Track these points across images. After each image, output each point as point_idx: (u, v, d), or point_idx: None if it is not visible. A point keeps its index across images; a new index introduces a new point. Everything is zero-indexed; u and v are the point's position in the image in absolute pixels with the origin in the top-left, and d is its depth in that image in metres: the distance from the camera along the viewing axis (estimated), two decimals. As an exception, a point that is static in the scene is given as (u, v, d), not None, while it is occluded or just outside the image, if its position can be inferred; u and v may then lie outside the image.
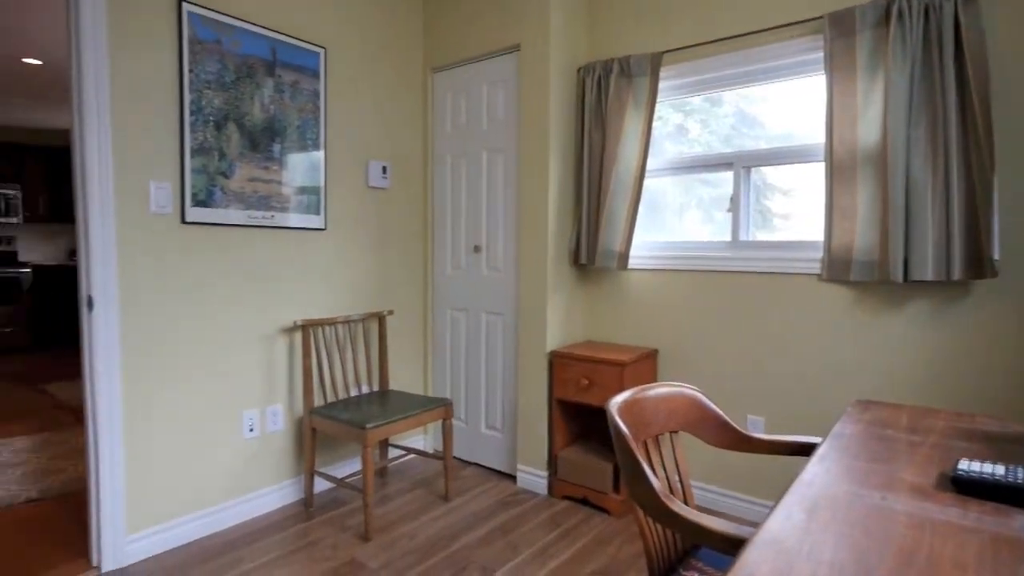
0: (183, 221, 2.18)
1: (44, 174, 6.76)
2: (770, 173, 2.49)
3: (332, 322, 2.60)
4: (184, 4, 2.13)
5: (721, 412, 1.46)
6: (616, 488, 2.48)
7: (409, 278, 3.13)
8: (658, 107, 2.74)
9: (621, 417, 1.23)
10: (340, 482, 2.38)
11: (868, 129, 2.06)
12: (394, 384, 3.07)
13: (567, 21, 2.69)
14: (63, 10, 3.40)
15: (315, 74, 2.59)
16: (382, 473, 2.90)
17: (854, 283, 2.18)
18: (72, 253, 7.19)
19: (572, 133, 2.78)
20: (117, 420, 2.03)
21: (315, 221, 2.63)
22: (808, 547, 0.74)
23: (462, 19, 2.94)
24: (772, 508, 0.85)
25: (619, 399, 1.27)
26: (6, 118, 6.19)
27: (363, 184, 2.86)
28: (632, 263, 2.74)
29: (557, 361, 2.61)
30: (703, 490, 2.56)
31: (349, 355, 2.81)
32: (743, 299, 2.44)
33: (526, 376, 2.74)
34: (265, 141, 2.42)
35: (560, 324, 2.75)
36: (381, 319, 2.84)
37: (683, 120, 2.73)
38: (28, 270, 6.39)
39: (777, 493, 2.37)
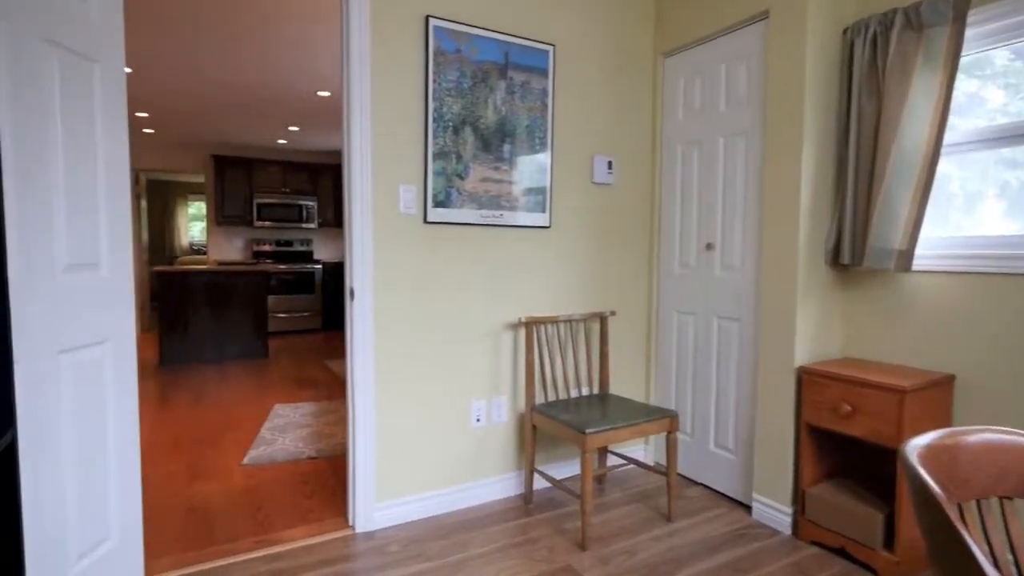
0: (425, 221, 2.36)
1: (333, 187, 8.29)
2: None
3: (554, 320, 2.58)
4: (431, 20, 2.30)
5: (1090, 478, 1.00)
6: (888, 545, 1.99)
7: (633, 277, 2.98)
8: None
9: (925, 467, 0.91)
10: (558, 484, 2.34)
11: None
12: (614, 388, 2.95)
13: (831, -27, 2.25)
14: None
15: (544, 72, 2.60)
16: (600, 480, 2.80)
17: None
18: (349, 253, 8.68)
19: (832, 107, 2.32)
20: (371, 397, 2.28)
21: (540, 219, 2.65)
22: None
23: (698, -6, 2.67)
24: None
25: (920, 443, 0.95)
26: (305, 142, 7.71)
27: (587, 180, 2.79)
28: (914, 264, 2.18)
29: (808, 379, 2.20)
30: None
31: (570, 355, 2.77)
32: (1105, 314, 1.74)
33: (767, 393, 2.38)
34: (496, 142, 2.50)
35: (812, 335, 2.32)
36: (603, 319, 2.74)
37: (978, 88, 2.07)
38: (320, 266, 7.88)
39: None
